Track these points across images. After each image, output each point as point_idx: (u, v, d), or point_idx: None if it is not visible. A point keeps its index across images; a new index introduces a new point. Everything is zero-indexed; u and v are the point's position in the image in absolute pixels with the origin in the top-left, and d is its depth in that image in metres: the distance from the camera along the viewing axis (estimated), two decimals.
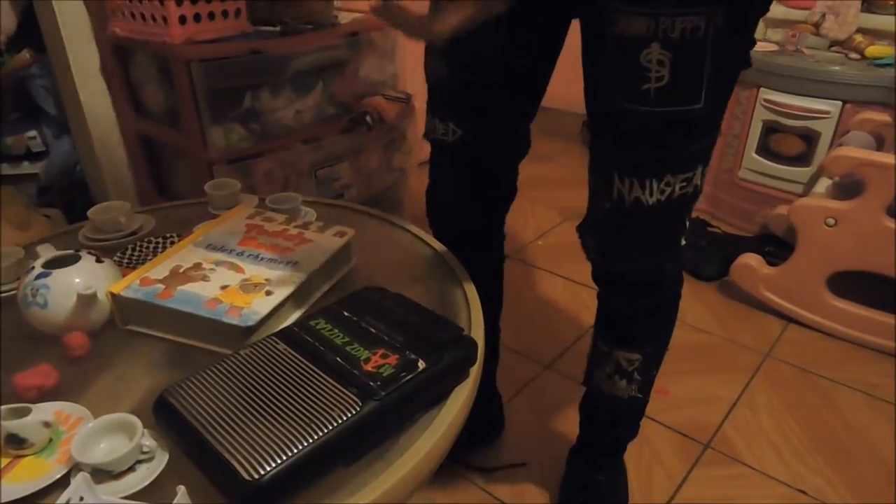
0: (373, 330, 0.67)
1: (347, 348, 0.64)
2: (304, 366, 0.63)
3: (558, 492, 1.24)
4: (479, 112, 0.92)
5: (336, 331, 0.67)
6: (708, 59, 0.70)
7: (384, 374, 0.60)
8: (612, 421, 1.12)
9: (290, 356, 0.64)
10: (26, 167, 1.97)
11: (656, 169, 0.78)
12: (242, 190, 1.08)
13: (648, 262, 0.87)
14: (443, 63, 0.90)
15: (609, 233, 0.86)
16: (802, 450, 1.35)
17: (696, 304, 1.83)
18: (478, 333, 0.76)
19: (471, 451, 1.30)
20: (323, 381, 0.61)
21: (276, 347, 0.65)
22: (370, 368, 0.61)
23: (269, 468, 0.51)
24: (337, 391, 0.59)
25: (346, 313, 0.70)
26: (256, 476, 0.51)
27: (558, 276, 1.96)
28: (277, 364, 0.63)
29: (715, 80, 0.73)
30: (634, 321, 0.98)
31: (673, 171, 0.78)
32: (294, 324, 0.70)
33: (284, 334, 0.68)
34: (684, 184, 0.80)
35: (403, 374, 0.61)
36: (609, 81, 0.75)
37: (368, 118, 1.75)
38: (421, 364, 0.62)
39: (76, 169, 1.97)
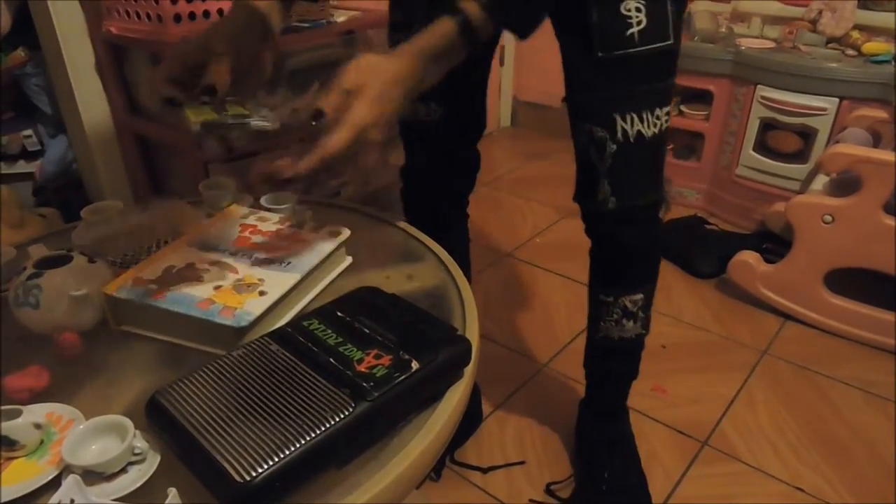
0: (366, 330, 0.67)
1: (340, 349, 0.64)
2: (296, 367, 0.62)
3: (574, 445, 1.32)
4: (455, 90, 1.03)
5: (329, 331, 0.67)
6: (669, 1, 0.88)
7: (377, 375, 0.60)
8: (622, 361, 1.21)
9: (282, 357, 0.64)
10: (22, 166, 1.97)
11: (650, 101, 0.93)
12: (238, 189, 1.07)
13: (655, 193, 1.01)
14: None
15: (621, 171, 0.97)
16: (800, 447, 1.35)
17: (693, 301, 1.83)
18: (472, 333, 0.75)
19: (452, 445, 1.31)
20: (316, 381, 0.60)
21: (268, 348, 0.65)
22: (363, 369, 0.61)
23: (260, 470, 0.51)
24: (329, 392, 0.59)
25: (339, 313, 0.70)
26: (248, 478, 0.50)
27: (555, 274, 1.95)
28: (270, 365, 0.63)
29: (675, 19, 0.90)
30: (637, 256, 1.07)
31: (660, 104, 0.94)
32: (287, 324, 0.69)
33: (277, 335, 0.67)
34: (667, 116, 0.95)
35: (397, 374, 0.60)
36: (598, 36, 0.89)
37: None
38: (414, 364, 0.62)
39: (72, 167, 1.97)
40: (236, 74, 0.81)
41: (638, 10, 0.86)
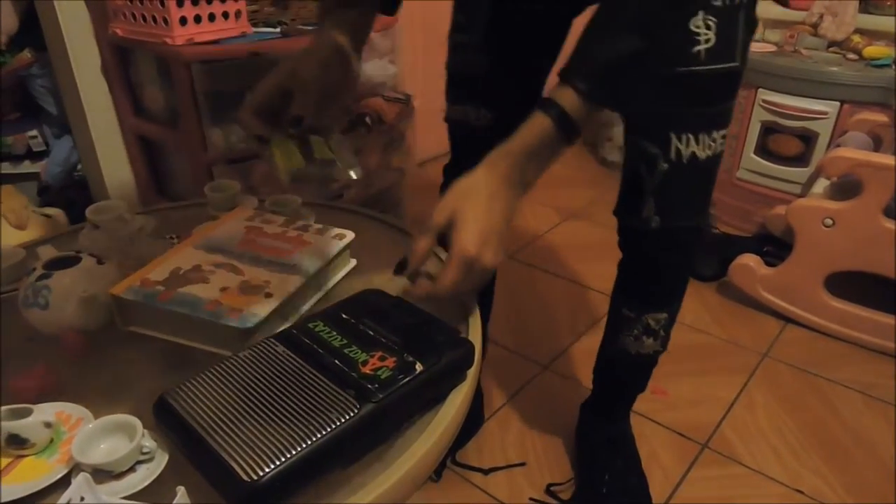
0: (370, 333, 0.68)
1: (345, 350, 0.65)
2: (302, 368, 0.63)
3: (575, 446, 1.32)
4: (507, 98, 1.02)
5: (334, 333, 0.68)
6: (741, 21, 0.82)
7: (382, 377, 0.61)
8: (633, 376, 1.20)
9: (288, 359, 0.65)
10: (27, 166, 1.99)
11: (709, 123, 0.88)
12: (241, 191, 1.08)
13: (701, 217, 0.98)
14: (483, 59, 1.01)
15: (670, 191, 0.93)
16: (800, 450, 1.35)
17: (694, 304, 1.84)
18: (475, 336, 0.76)
19: (453, 446, 1.32)
20: (321, 383, 0.61)
21: (275, 350, 0.66)
22: (368, 370, 0.62)
23: (267, 469, 0.52)
24: (335, 393, 0.59)
25: (344, 315, 0.71)
26: (255, 477, 0.51)
27: (557, 277, 1.96)
28: (276, 366, 0.64)
29: (745, 41, 0.85)
30: (669, 279, 1.05)
31: (718, 126, 0.89)
32: (293, 326, 0.70)
33: (283, 337, 0.68)
34: (723, 140, 0.91)
35: (401, 376, 0.61)
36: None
37: (368, 119, 1.75)
38: (418, 366, 0.63)
39: (76, 168, 1.98)
40: (319, 108, 0.81)
41: (708, 27, 0.81)
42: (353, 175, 0.83)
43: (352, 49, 0.85)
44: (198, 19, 1.46)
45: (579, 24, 1.01)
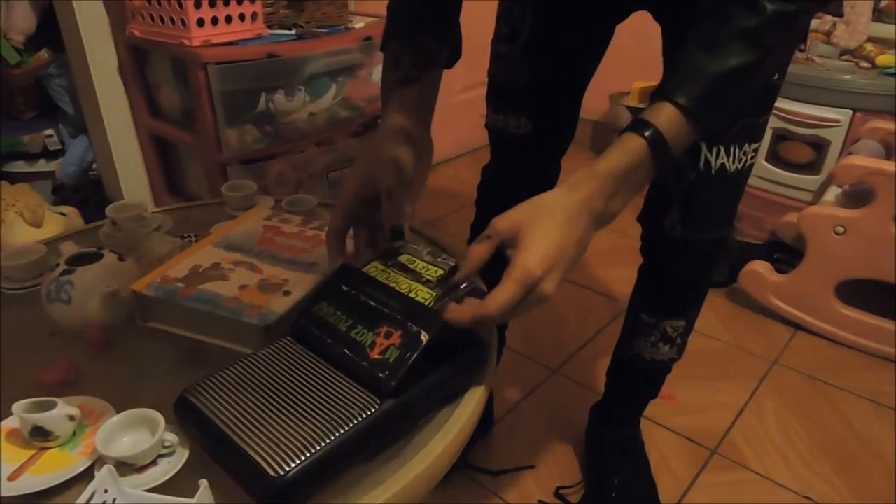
0: (372, 303, 0.67)
1: (352, 333, 0.65)
2: (319, 365, 0.64)
3: (584, 450, 1.33)
4: (549, 107, 1.04)
5: (339, 313, 0.67)
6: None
7: (390, 360, 0.61)
8: (647, 382, 1.19)
9: (305, 356, 0.65)
10: (42, 165, 2.00)
11: (742, 136, 0.87)
12: (259, 191, 1.09)
13: (726, 229, 0.97)
14: (525, 70, 1.00)
15: (696, 201, 0.92)
16: (809, 456, 1.35)
17: (704, 310, 1.82)
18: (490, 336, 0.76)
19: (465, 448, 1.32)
20: (339, 379, 0.62)
21: (292, 348, 0.67)
22: (376, 355, 0.62)
23: (293, 465, 0.53)
24: (354, 390, 0.60)
25: (344, 288, 0.70)
26: (282, 472, 0.52)
27: (568, 281, 1.96)
28: (294, 364, 0.64)
29: (787, 55, 0.82)
30: (689, 289, 1.05)
31: (750, 140, 0.88)
32: (301, 316, 0.70)
33: (298, 333, 0.68)
34: (754, 153, 0.90)
35: (409, 353, 0.61)
36: None
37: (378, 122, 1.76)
38: (423, 337, 0.61)
39: (91, 168, 2.00)
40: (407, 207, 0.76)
41: None
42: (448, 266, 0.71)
43: (421, 131, 0.81)
44: (214, 21, 1.48)
45: (621, 31, 1.01)
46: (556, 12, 0.96)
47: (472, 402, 0.67)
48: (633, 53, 1.69)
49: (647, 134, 0.63)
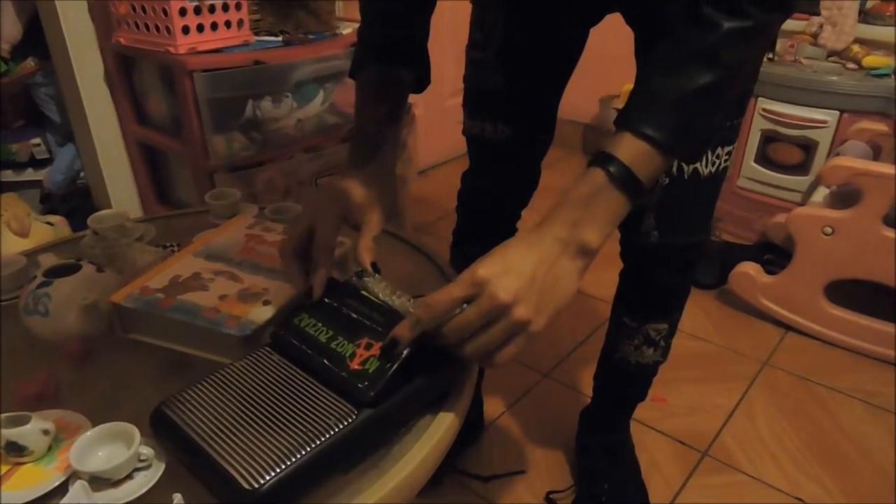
0: (354, 315, 0.67)
1: (332, 345, 0.64)
2: (297, 375, 0.63)
3: (575, 454, 1.33)
4: (525, 112, 1.05)
5: (319, 324, 0.67)
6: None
7: (370, 371, 0.61)
8: (633, 385, 1.19)
9: (283, 366, 0.65)
10: (30, 174, 2.00)
11: (713, 140, 0.87)
12: (244, 198, 1.09)
13: (702, 233, 0.97)
14: (499, 75, 1.01)
15: (670, 207, 0.92)
16: (800, 458, 1.35)
17: (694, 312, 1.84)
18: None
19: (453, 453, 1.32)
20: (316, 389, 0.61)
21: (270, 358, 0.66)
22: (356, 366, 0.61)
23: (268, 477, 0.52)
24: (331, 400, 0.60)
25: (326, 300, 0.70)
26: (256, 485, 0.51)
27: None
28: (272, 375, 0.64)
29: (759, 59, 0.84)
30: (669, 293, 1.05)
31: (723, 143, 0.88)
32: (280, 326, 0.69)
33: (277, 344, 0.68)
34: (727, 157, 0.90)
35: (388, 364, 0.60)
36: None
37: None
38: (404, 348, 0.61)
39: (79, 176, 1.99)
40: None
41: None
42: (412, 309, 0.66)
43: (382, 176, 0.80)
44: (200, 28, 1.48)
45: (595, 35, 1.01)
46: (528, 19, 0.96)
47: (452, 411, 0.67)
48: (623, 56, 1.69)
49: (609, 169, 0.60)
